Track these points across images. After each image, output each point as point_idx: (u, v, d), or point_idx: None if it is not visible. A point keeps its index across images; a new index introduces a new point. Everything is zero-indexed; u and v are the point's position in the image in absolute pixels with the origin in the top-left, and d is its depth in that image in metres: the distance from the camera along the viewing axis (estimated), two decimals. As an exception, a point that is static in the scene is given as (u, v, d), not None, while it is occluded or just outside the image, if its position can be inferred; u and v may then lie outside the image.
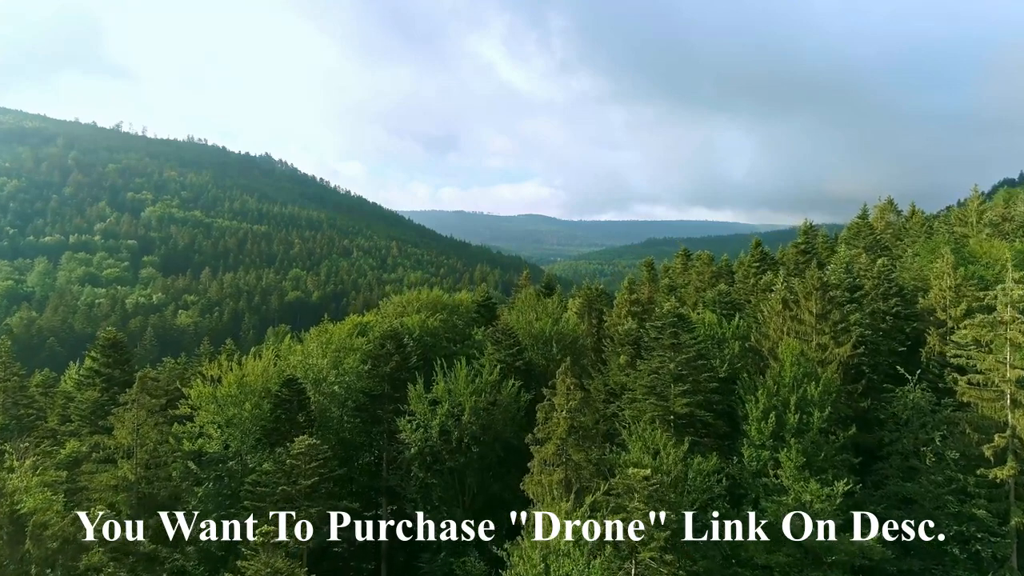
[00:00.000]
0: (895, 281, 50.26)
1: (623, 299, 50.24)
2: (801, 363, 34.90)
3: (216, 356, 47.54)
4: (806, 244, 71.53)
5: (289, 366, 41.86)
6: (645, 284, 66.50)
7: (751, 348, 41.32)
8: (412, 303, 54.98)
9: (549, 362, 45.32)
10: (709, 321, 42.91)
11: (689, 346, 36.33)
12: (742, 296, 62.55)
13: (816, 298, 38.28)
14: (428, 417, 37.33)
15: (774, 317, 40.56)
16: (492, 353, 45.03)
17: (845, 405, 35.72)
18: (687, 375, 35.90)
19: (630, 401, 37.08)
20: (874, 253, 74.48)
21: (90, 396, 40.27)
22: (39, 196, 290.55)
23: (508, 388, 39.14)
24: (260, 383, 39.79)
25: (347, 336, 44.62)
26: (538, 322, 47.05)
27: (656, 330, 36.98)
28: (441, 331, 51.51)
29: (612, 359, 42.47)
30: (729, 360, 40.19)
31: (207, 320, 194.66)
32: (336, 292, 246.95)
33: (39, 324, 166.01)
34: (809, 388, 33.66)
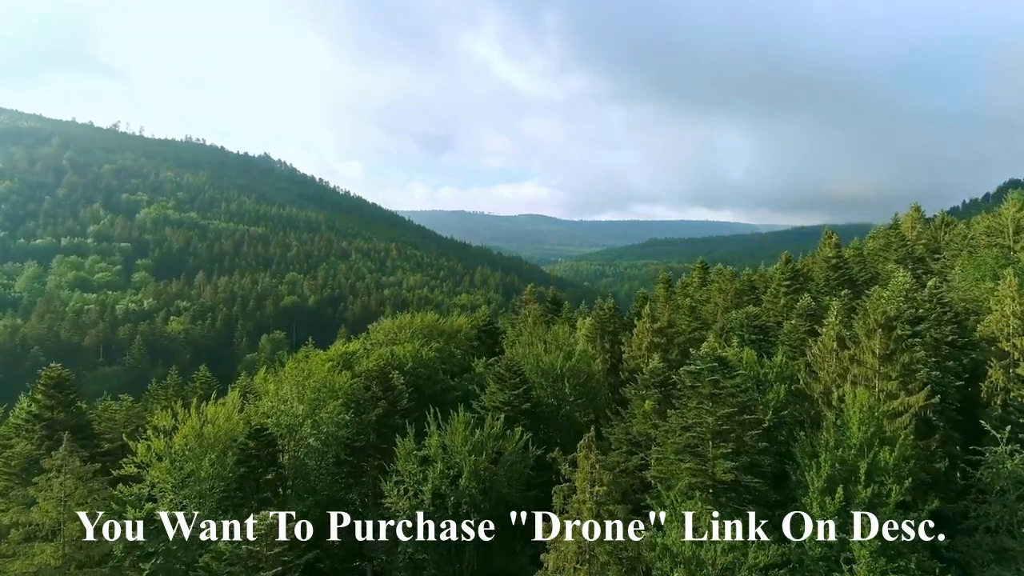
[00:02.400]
0: (949, 305, 44.27)
1: (644, 328, 44.08)
2: (870, 420, 28.82)
3: (186, 387, 41.67)
4: (837, 259, 65.35)
5: (258, 413, 35.80)
6: (662, 303, 60.35)
7: (799, 392, 35.28)
8: (404, 329, 48.93)
9: (561, 403, 39.28)
10: (748, 359, 36.82)
11: (732, 395, 30.31)
12: (771, 317, 56.53)
13: (881, 337, 32.19)
14: (419, 480, 31.27)
15: (827, 356, 34.49)
16: (495, 392, 39.08)
17: (919, 467, 29.68)
18: (729, 431, 29.89)
19: (659, 460, 31.08)
20: (904, 266, 68.56)
21: (23, 450, 34.20)
22: (32, 197, 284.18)
23: (514, 441, 33.09)
24: (223, 432, 33.77)
25: (328, 372, 38.51)
26: (547, 355, 40.98)
27: (692, 376, 30.91)
28: (437, 362, 45.48)
29: (635, 403, 36.39)
30: (773, 407, 34.13)
31: (199, 327, 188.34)
32: (333, 296, 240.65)
33: (23, 332, 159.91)
34: (883, 454, 27.60)
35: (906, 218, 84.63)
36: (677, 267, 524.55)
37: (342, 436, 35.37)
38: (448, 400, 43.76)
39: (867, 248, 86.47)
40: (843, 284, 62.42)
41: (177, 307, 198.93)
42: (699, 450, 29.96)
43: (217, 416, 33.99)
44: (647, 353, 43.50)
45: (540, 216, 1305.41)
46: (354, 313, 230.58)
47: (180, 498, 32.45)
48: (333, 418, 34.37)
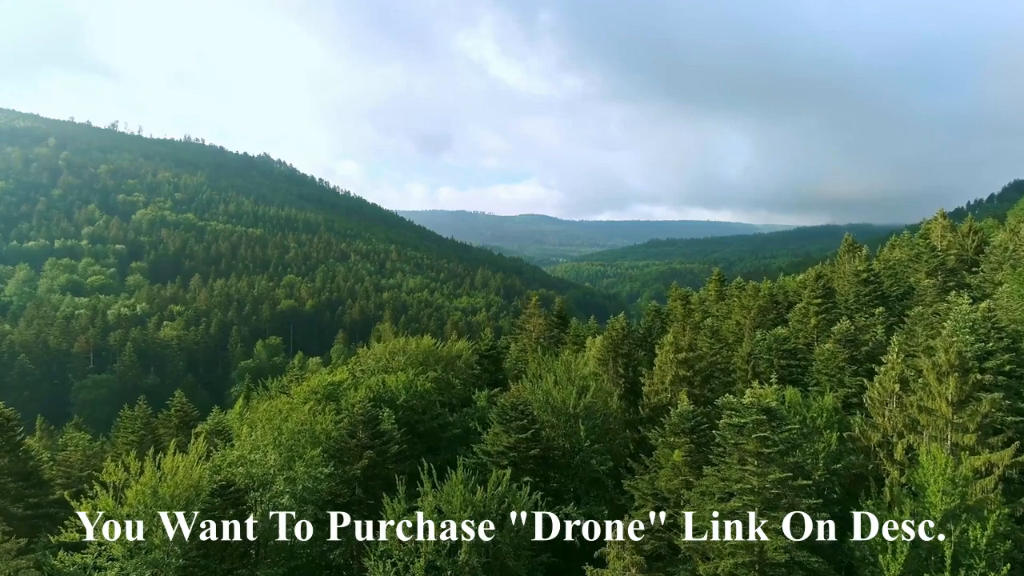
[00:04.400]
0: (1004, 330, 39.31)
1: (667, 359, 39.14)
2: (953, 487, 23.93)
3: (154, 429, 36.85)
4: (868, 272, 60.33)
5: (226, 462, 30.93)
6: (680, 321, 55.51)
7: (853, 441, 30.40)
8: (398, 354, 44.01)
9: (575, 447, 34.39)
10: (792, 399, 31.94)
11: (783, 452, 25.44)
12: (801, 339, 51.65)
13: (955, 381, 27.30)
14: (410, 551, 26.40)
15: (888, 400, 29.59)
16: (499, 434, 34.24)
17: (1016, 548, 24.77)
18: (780, 497, 25.03)
19: (697, 531, 26.21)
20: (935, 279, 63.65)
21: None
22: (26, 198, 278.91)
23: (521, 502, 28.22)
24: (183, 489, 28.95)
25: (309, 413, 33.62)
26: (558, 390, 36.09)
27: (734, 431, 26.01)
28: (434, 393, 40.62)
29: (661, 451, 31.49)
30: (824, 459, 29.27)
31: (192, 333, 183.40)
32: (332, 300, 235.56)
33: (11, 339, 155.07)
34: (973, 531, 22.73)
35: (934, 225, 79.54)
36: (680, 268, 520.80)
37: (323, 490, 30.53)
38: (446, 439, 38.97)
39: (893, 258, 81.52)
40: (875, 301, 57.53)
41: (171, 312, 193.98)
42: (744, 519, 25.12)
43: (176, 470, 29.14)
44: (671, 387, 38.61)
45: (541, 216, 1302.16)
46: (352, 317, 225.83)
47: (132, 568, 27.65)
48: (310, 472, 29.50)
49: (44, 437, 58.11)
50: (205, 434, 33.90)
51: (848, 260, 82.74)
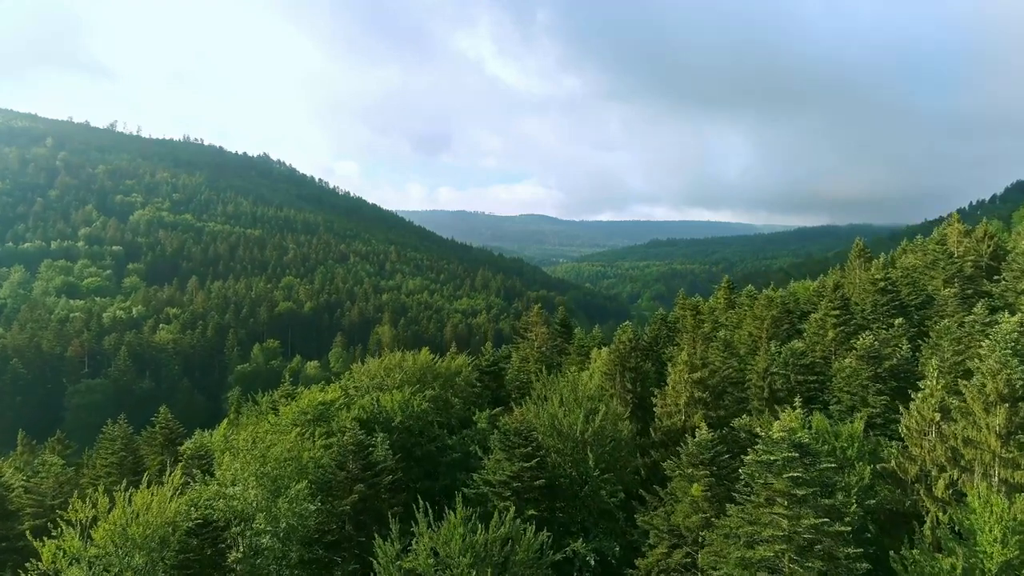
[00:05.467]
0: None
1: (681, 378, 36.61)
2: (1010, 533, 21.43)
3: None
4: (885, 281, 57.82)
5: (204, 496, 28.43)
6: (690, 333, 52.96)
7: (888, 475, 27.89)
8: (393, 371, 41.50)
9: (583, 476, 31.89)
10: (819, 426, 29.42)
11: (817, 495, 22.94)
12: (818, 353, 49.16)
13: (1005, 412, 24.79)
14: (404, 602, 23.88)
15: (927, 430, 27.07)
16: (500, 461, 31.77)
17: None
18: (815, 542, 22.54)
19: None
20: (954, 287, 61.13)
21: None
22: (23, 199, 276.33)
23: (525, 542, 25.71)
24: (156, 527, 26.46)
25: (295, 441, 31.12)
26: (564, 414, 33.58)
27: (763, 468, 23.51)
28: (431, 413, 38.12)
29: (678, 483, 28.97)
30: (856, 494, 26.75)
31: (188, 336, 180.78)
32: (330, 302, 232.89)
33: (3, 342, 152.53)
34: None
35: (950, 230, 77.07)
36: (680, 268, 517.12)
37: (309, 526, 28.03)
38: (444, 463, 36.47)
39: (906, 263, 79.02)
40: (894, 311, 55.05)
41: (167, 314, 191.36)
42: (774, 566, 22.65)
43: (149, 506, 26.64)
44: (685, 409, 36.11)
45: (541, 216, 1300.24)
46: (351, 320, 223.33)
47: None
48: (294, 509, 27.01)
49: (25, 453, 55.68)
50: (184, 462, 31.37)
51: (859, 266, 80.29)
